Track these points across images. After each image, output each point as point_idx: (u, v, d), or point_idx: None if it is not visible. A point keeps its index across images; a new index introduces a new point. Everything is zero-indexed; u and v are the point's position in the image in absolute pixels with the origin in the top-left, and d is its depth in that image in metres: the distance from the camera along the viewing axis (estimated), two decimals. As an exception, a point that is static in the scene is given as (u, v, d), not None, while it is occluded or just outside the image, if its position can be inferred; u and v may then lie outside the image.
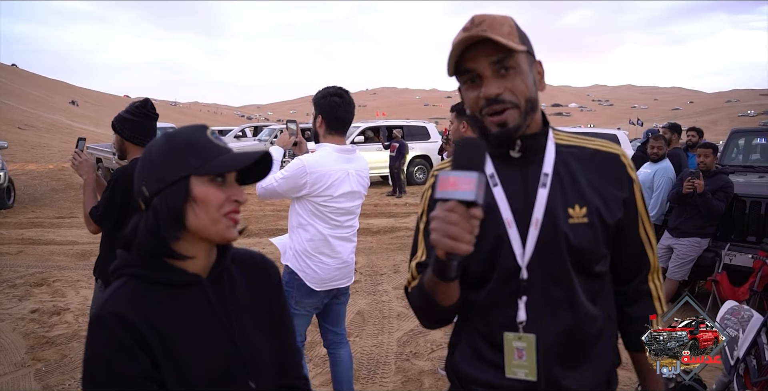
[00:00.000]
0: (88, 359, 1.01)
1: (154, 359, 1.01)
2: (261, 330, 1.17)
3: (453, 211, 0.93)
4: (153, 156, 1.07)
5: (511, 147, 1.18)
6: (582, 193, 1.16)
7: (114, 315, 0.99)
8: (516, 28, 1.14)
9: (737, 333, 2.59)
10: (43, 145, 30.83)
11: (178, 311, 1.06)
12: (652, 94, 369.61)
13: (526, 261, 1.14)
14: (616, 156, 1.22)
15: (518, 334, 1.14)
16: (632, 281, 1.27)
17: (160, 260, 1.06)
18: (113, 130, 2.72)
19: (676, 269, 4.72)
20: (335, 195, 2.54)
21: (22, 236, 7.98)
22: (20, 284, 5.62)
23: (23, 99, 64.10)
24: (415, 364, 3.83)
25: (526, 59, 1.14)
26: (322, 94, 2.58)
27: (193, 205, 1.03)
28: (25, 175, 16.24)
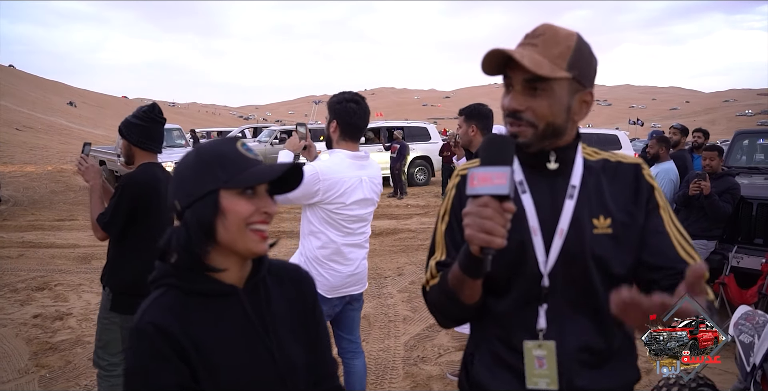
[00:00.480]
0: (130, 370, 1.03)
1: (193, 369, 1.01)
2: (297, 341, 1.17)
3: (487, 206, 0.95)
4: (184, 170, 1.08)
5: (546, 159, 1.19)
6: (606, 205, 1.17)
7: (153, 325, 1.00)
8: (574, 50, 1.11)
9: (752, 339, 2.56)
10: (41, 146, 30.75)
11: (215, 322, 1.06)
12: (651, 93, 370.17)
13: (548, 269, 1.15)
14: (636, 166, 1.24)
15: (538, 342, 1.15)
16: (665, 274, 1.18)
17: (196, 271, 1.07)
18: (120, 135, 2.69)
19: (682, 272, 4.69)
20: (348, 203, 2.50)
21: (22, 239, 7.94)
22: (21, 289, 5.58)
23: (21, 100, 63.96)
24: (423, 369, 3.79)
25: (566, 86, 1.12)
26: (338, 99, 2.53)
27: (222, 218, 1.03)
28: (23, 177, 16.18)
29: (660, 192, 1.23)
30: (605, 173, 1.21)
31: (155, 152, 2.70)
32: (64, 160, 22.61)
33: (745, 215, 4.84)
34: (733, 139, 6.72)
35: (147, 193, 2.56)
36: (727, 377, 3.44)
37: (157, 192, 2.61)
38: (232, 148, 1.08)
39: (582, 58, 1.12)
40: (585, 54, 1.13)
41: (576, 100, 1.15)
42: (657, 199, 1.21)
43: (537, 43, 1.10)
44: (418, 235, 8.64)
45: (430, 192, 14.17)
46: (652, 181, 1.23)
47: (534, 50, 1.10)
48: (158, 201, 2.62)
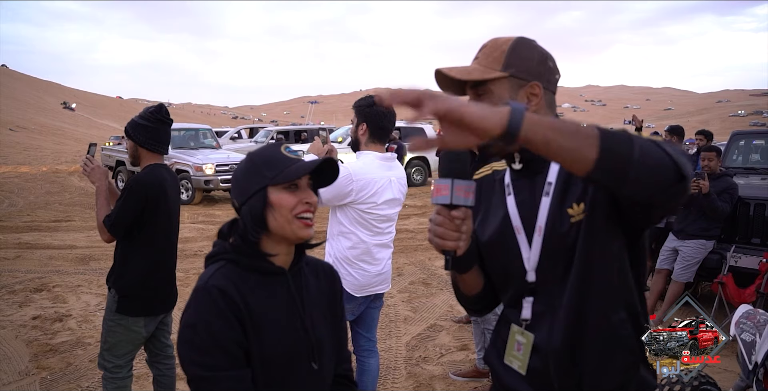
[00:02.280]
0: (190, 323, 1.17)
1: (245, 330, 1.18)
2: (325, 323, 1.36)
3: (439, 214, 1.08)
4: (239, 174, 1.29)
5: (512, 160, 1.26)
6: (578, 191, 1.16)
7: (217, 288, 1.18)
8: (508, 51, 1.21)
9: (754, 337, 2.59)
10: (35, 147, 30.62)
11: (264, 295, 1.24)
12: (645, 94, 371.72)
13: (532, 265, 1.21)
14: None
15: (521, 329, 1.22)
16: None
17: (253, 251, 1.26)
18: (126, 136, 2.68)
19: (681, 271, 4.72)
20: (379, 202, 2.57)
21: (19, 241, 7.89)
22: (20, 290, 5.55)
23: (15, 100, 63.62)
24: (426, 369, 3.80)
25: (506, 84, 1.20)
26: (368, 102, 2.58)
27: (271, 209, 1.23)
28: (18, 178, 16.10)
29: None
30: None
31: (162, 154, 2.71)
32: (59, 161, 22.52)
33: (742, 214, 4.88)
34: (730, 139, 6.76)
35: (154, 194, 2.56)
36: (728, 376, 3.47)
37: (164, 193, 2.60)
38: (277, 151, 1.28)
39: (518, 56, 1.20)
40: (522, 52, 1.21)
41: (521, 95, 1.21)
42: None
43: (479, 56, 1.24)
44: (416, 235, 8.65)
45: (426, 192, 14.18)
46: None
47: (475, 62, 1.24)
48: (165, 203, 2.62)
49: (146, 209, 2.53)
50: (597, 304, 1.14)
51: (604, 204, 1.14)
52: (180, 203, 2.88)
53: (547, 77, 1.23)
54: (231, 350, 1.16)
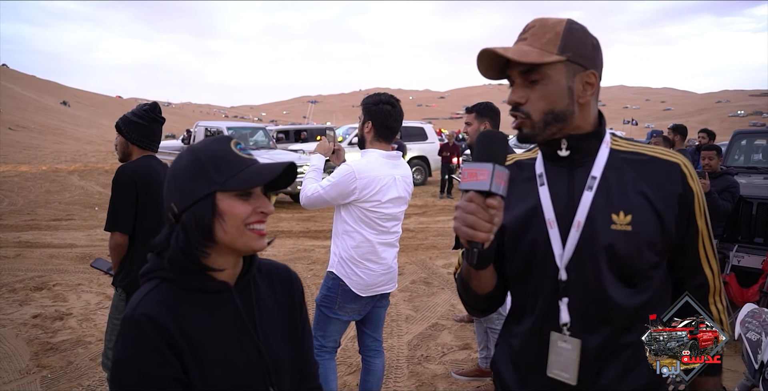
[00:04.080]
0: (119, 359, 1.02)
1: (183, 362, 1.02)
2: (283, 338, 1.19)
3: (471, 201, 0.99)
4: (179, 172, 1.08)
5: (558, 147, 1.18)
6: (629, 201, 1.12)
7: (146, 317, 1.01)
8: (564, 33, 1.12)
9: (760, 336, 2.57)
10: (35, 146, 30.59)
11: (206, 317, 1.08)
12: (644, 94, 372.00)
13: (564, 262, 1.13)
14: (676, 165, 1.16)
15: (564, 336, 1.14)
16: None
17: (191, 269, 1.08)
18: (118, 132, 2.66)
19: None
20: (383, 200, 2.54)
21: (19, 239, 7.87)
22: (20, 289, 5.53)
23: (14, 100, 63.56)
24: (428, 368, 3.79)
25: (563, 69, 1.12)
26: (374, 100, 2.58)
27: (221, 220, 1.05)
28: (18, 177, 16.08)
29: (700, 197, 1.17)
30: (634, 167, 1.16)
31: (153, 151, 2.70)
32: (59, 160, 22.49)
33: (744, 214, 4.87)
34: (732, 139, 6.75)
35: (143, 179, 2.53)
36: (732, 375, 3.45)
37: (153, 182, 2.56)
38: (226, 149, 1.09)
39: (574, 39, 1.12)
40: (577, 35, 1.13)
41: (577, 81, 1.13)
42: (695, 205, 1.16)
43: (527, 37, 1.14)
44: (416, 234, 8.64)
45: (427, 192, 14.17)
46: (693, 184, 1.16)
47: (523, 43, 1.13)
48: (157, 194, 2.53)
49: (140, 195, 2.50)
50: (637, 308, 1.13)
51: (653, 228, 1.11)
52: None
53: (600, 64, 1.17)
54: (167, 389, 1.00)
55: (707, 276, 1.21)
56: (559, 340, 1.14)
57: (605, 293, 1.12)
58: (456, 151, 13.44)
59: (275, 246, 7.69)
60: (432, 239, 8.30)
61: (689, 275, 1.20)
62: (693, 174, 1.17)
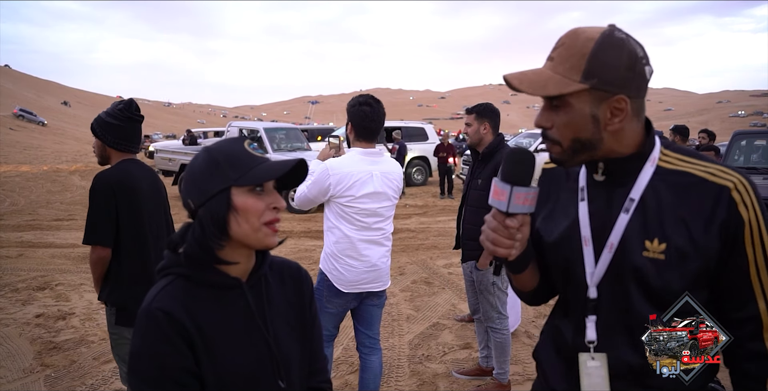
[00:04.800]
0: (137, 352, 1.06)
1: (196, 355, 1.07)
2: (292, 335, 1.23)
3: (494, 218, 1.04)
4: (195, 171, 1.13)
5: (594, 170, 1.15)
6: (664, 228, 1.06)
7: (162, 311, 1.06)
8: (590, 57, 1.02)
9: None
10: (35, 146, 30.62)
11: (218, 312, 1.12)
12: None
13: (595, 281, 1.12)
14: (724, 188, 1.05)
15: (591, 354, 1.13)
16: (740, 332, 1.10)
17: (205, 264, 1.13)
18: (93, 135, 2.45)
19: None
20: (357, 195, 2.60)
21: (21, 239, 7.90)
22: (22, 288, 5.55)
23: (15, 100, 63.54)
24: (429, 367, 3.81)
25: (586, 97, 1.04)
26: (353, 102, 2.69)
27: (235, 214, 1.09)
28: (19, 177, 16.12)
29: (756, 224, 1.05)
30: (677, 190, 1.08)
31: (133, 153, 2.50)
32: (60, 160, 22.53)
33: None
34: (731, 139, 6.77)
35: (123, 187, 2.34)
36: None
37: (133, 190, 2.38)
38: (241, 148, 1.14)
39: (602, 62, 1.02)
40: (607, 57, 1.02)
41: (603, 108, 1.05)
42: (746, 235, 1.04)
43: (554, 57, 1.07)
44: (417, 234, 8.66)
45: (427, 192, 14.19)
46: (744, 211, 1.04)
47: (549, 66, 1.07)
48: (138, 201, 2.40)
49: (119, 207, 2.33)
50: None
51: (688, 258, 1.05)
52: (165, 199, 2.65)
53: (637, 84, 1.05)
54: (182, 380, 1.05)
55: (760, 310, 1.07)
56: (588, 360, 1.13)
57: (636, 314, 1.10)
58: (451, 151, 13.44)
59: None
60: (433, 239, 8.32)
61: (734, 306, 1.10)
62: (746, 199, 1.04)
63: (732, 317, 1.10)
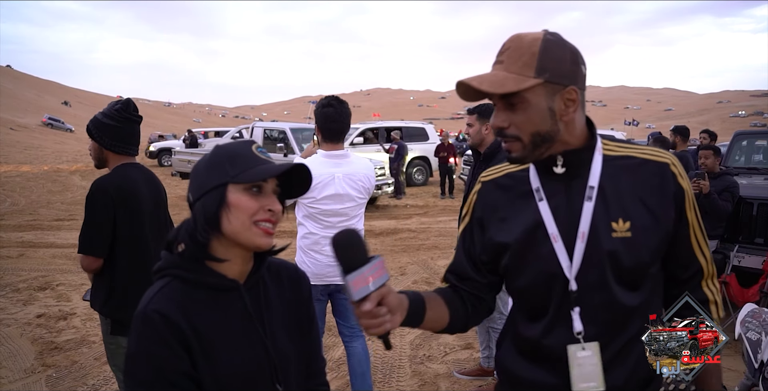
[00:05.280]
0: (132, 354, 1.06)
1: (192, 358, 1.06)
2: (290, 337, 1.22)
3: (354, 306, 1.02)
4: (200, 166, 1.16)
5: (553, 163, 1.18)
6: (626, 207, 1.15)
7: (159, 314, 1.05)
8: (539, 53, 1.09)
9: (760, 336, 2.59)
10: (36, 146, 30.63)
11: (215, 314, 1.11)
12: (645, 94, 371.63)
13: (574, 273, 1.15)
14: (665, 165, 1.19)
15: (581, 344, 1.15)
16: (685, 286, 1.24)
17: (201, 264, 1.12)
18: (89, 137, 2.33)
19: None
20: (319, 197, 2.71)
21: (21, 239, 7.91)
22: (23, 288, 5.56)
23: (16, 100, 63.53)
24: (430, 367, 3.81)
25: (541, 91, 1.11)
26: (318, 104, 2.78)
27: (227, 210, 1.09)
28: (19, 177, 16.12)
29: (690, 193, 1.20)
30: (627, 172, 1.18)
31: (131, 155, 2.38)
32: (60, 160, 22.54)
33: (745, 214, 4.89)
34: (732, 140, 6.77)
35: (122, 195, 2.24)
36: (731, 375, 3.47)
37: (134, 196, 2.28)
38: (246, 149, 1.15)
39: (551, 58, 1.10)
40: (554, 52, 1.10)
41: (557, 101, 1.12)
42: (686, 201, 1.19)
43: (503, 60, 1.12)
44: (418, 234, 8.66)
45: (428, 192, 14.19)
46: (683, 182, 1.18)
47: (500, 68, 1.12)
48: (139, 208, 2.30)
49: (117, 216, 2.22)
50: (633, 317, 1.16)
51: (651, 231, 1.15)
52: (165, 204, 2.55)
53: (581, 77, 1.15)
54: (178, 383, 1.04)
55: (701, 263, 1.24)
56: (578, 350, 1.15)
57: (613, 298, 1.14)
58: (452, 151, 13.44)
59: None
60: (434, 239, 8.32)
61: (684, 265, 1.24)
62: (682, 172, 1.20)
63: (681, 276, 1.25)
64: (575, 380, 1.15)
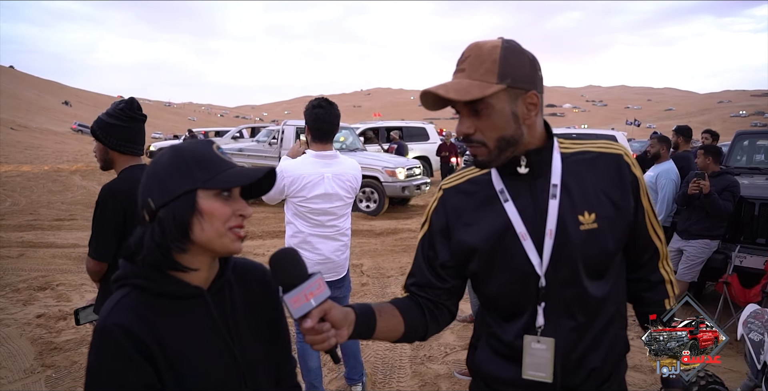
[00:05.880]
0: (93, 370, 1.02)
1: (157, 370, 1.02)
2: (258, 340, 1.19)
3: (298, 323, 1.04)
4: (159, 169, 1.08)
5: (517, 164, 1.22)
6: (589, 200, 1.20)
7: (118, 326, 1.00)
8: (500, 60, 1.13)
9: (762, 337, 2.58)
10: (36, 146, 30.63)
11: (179, 323, 1.07)
12: (646, 94, 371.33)
13: (544, 270, 1.19)
14: (619, 156, 1.25)
15: (537, 337, 1.20)
16: (644, 269, 1.34)
17: (162, 272, 1.08)
18: (94, 138, 2.32)
19: (685, 271, 4.72)
20: (309, 196, 2.79)
21: (21, 239, 7.89)
22: (23, 288, 5.55)
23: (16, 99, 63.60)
24: (431, 368, 3.80)
25: (504, 96, 1.14)
26: (308, 105, 2.85)
27: (200, 218, 1.05)
28: (20, 177, 16.10)
29: (642, 181, 1.27)
30: (585, 166, 1.24)
31: (137, 155, 2.35)
32: (61, 160, 22.53)
33: (747, 214, 4.87)
34: (734, 139, 6.75)
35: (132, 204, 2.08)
36: (733, 376, 3.47)
37: None
38: (209, 150, 1.10)
39: (511, 64, 1.13)
40: (514, 59, 1.14)
41: (520, 105, 1.16)
42: (640, 189, 1.26)
43: (465, 68, 1.15)
44: (418, 234, 8.63)
45: (429, 192, 14.17)
46: (636, 171, 1.25)
47: (462, 76, 1.15)
48: None
49: (127, 221, 2.18)
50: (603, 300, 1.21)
51: (615, 221, 1.20)
52: None
53: (540, 81, 1.19)
54: None
55: (657, 245, 1.32)
56: (533, 342, 1.20)
57: (583, 290, 1.19)
58: (453, 151, 13.43)
59: (266, 246, 7.71)
60: (434, 239, 8.29)
61: (642, 249, 1.31)
62: (634, 162, 1.26)
63: (640, 259, 1.32)
64: (526, 367, 1.21)
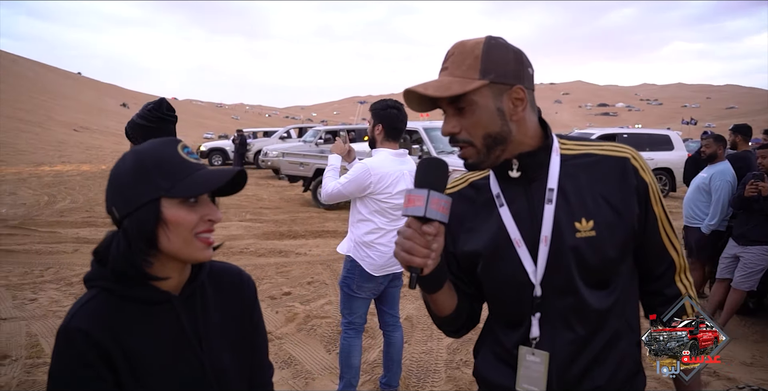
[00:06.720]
0: (53, 373, 1.00)
1: (118, 377, 0.99)
2: (231, 348, 1.15)
3: (409, 226, 1.02)
4: (121, 175, 1.03)
5: (509, 167, 1.18)
6: (587, 206, 1.14)
7: (80, 331, 0.97)
8: (482, 55, 1.10)
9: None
10: (96, 146, 32.13)
11: (146, 329, 1.03)
12: (705, 92, 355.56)
13: (539, 278, 1.14)
14: (625, 160, 1.18)
15: (532, 350, 1.16)
16: (659, 282, 1.25)
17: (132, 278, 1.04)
18: (127, 138, 2.33)
19: (742, 279, 4.45)
20: (393, 192, 2.93)
21: (77, 235, 8.25)
22: (77, 282, 5.79)
23: (78, 102, 66.87)
24: (466, 373, 3.72)
25: (488, 92, 1.11)
26: (382, 106, 2.98)
27: (165, 228, 1.00)
28: (80, 176, 16.91)
29: (653, 186, 1.19)
30: (586, 170, 1.17)
31: None
32: (118, 160, 23.48)
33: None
34: (799, 138, 6.33)
35: None
36: (745, 369, 3.23)
37: None
38: (173, 152, 1.04)
39: (494, 59, 1.10)
40: (497, 54, 1.11)
41: (505, 101, 1.12)
42: (650, 195, 1.18)
43: (448, 66, 1.13)
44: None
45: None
46: (645, 175, 1.18)
47: (445, 73, 1.13)
48: None
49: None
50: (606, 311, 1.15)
51: (616, 228, 1.14)
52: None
53: (528, 76, 1.15)
54: None
55: (673, 257, 1.24)
56: (528, 354, 1.16)
57: (581, 300, 1.13)
58: None
59: (309, 246, 7.76)
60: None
61: (656, 260, 1.23)
62: (644, 166, 1.19)
63: (654, 271, 1.24)
64: (520, 379, 1.17)
